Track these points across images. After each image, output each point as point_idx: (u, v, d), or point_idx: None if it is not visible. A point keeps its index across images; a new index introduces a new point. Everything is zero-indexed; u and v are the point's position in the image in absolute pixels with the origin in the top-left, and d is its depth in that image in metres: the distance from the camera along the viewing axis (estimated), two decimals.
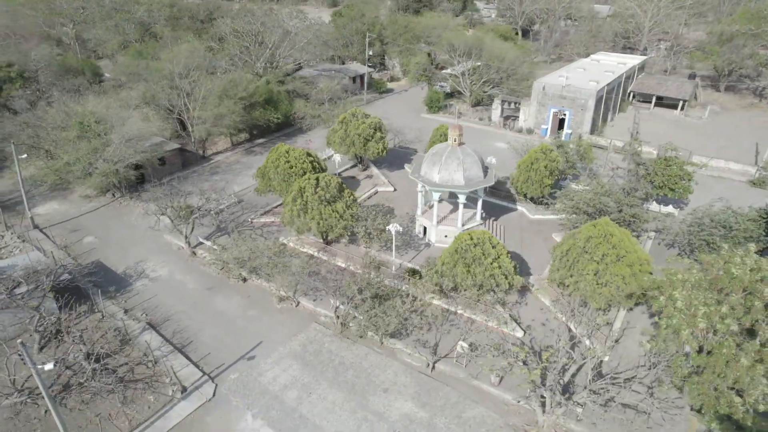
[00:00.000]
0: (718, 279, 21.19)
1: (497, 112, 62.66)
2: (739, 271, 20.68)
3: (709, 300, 20.63)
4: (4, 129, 46.22)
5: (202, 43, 63.51)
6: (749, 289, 20.54)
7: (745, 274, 20.68)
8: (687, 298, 20.83)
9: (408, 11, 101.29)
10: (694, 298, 20.69)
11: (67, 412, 25.07)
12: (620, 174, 42.02)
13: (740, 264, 21.46)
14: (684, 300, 20.69)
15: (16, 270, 31.04)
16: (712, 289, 21.18)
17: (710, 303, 20.44)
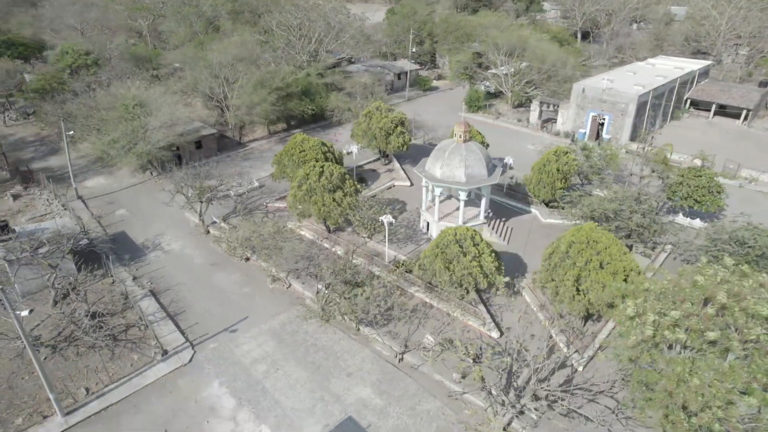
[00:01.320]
0: (681, 289, 19.86)
1: (535, 113, 60.86)
2: (705, 281, 19.30)
3: (664, 308, 19.40)
4: (64, 109, 51.25)
5: (253, 36, 66.54)
6: (710, 300, 19.10)
7: (711, 285, 19.26)
8: (640, 305, 19.69)
9: (466, 10, 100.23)
10: (648, 306, 19.53)
11: (62, 360, 27.73)
12: (647, 182, 39.83)
13: (710, 275, 20.00)
14: (635, 307, 19.58)
15: (45, 233, 34.51)
16: (675, 299, 19.88)
17: (664, 312, 19.23)
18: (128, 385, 26.24)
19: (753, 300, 18.42)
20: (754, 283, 19.31)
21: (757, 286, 19.24)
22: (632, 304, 19.68)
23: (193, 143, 53.03)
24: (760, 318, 18.45)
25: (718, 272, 20.12)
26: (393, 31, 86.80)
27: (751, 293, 19.20)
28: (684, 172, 38.40)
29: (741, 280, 19.77)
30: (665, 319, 18.96)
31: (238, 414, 24.74)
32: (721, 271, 20.09)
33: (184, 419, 24.56)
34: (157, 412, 24.88)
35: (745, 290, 19.35)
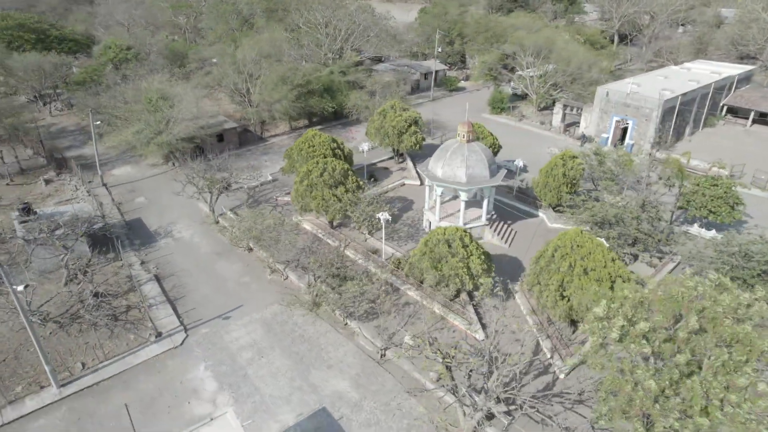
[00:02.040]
0: (657, 300, 19.17)
1: (558, 116, 59.55)
2: (680, 295, 18.59)
3: (636, 317, 18.82)
4: (96, 101, 54.06)
5: (282, 33, 68.05)
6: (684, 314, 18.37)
7: (686, 298, 18.53)
8: (613, 309, 19.14)
9: (501, 11, 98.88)
10: (620, 311, 18.99)
11: (66, 336, 29.44)
12: (654, 190, 38.42)
13: (690, 287, 19.23)
14: (606, 310, 19.06)
15: (63, 216, 36.63)
16: (650, 309, 19.25)
17: (634, 321, 18.65)
18: (121, 363, 27.61)
19: (728, 321, 17.62)
20: (732, 300, 18.46)
21: (736, 304, 18.39)
22: (604, 305, 19.20)
23: (215, 136, 54.85)
24: (739, 338, 17.63)
25: (698, 285, 19.32)
26: (424, 31, 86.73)
27: (730, 312, 18.43)
28: (700, 180, 36.84)
29: (720, 296, 18.93)
30: (634, 329, 18.40)
31: (218, 397, 25.64)
32: (701, 286, 19.28)
33: (167, 398, 25.65)
34: (144, 390, 26.09)
35: (720, 310, 18.49)
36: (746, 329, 17.27)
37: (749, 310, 18.02)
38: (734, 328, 17.06)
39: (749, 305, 18.03)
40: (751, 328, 17.22)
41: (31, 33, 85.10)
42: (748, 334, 17.00)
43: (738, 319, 18.13)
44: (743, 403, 16.50)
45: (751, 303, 18.27)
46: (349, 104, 57.50)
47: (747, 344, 17.11)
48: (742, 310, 18.40)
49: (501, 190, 45.45)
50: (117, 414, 24.76)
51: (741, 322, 17.92)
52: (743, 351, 17.00)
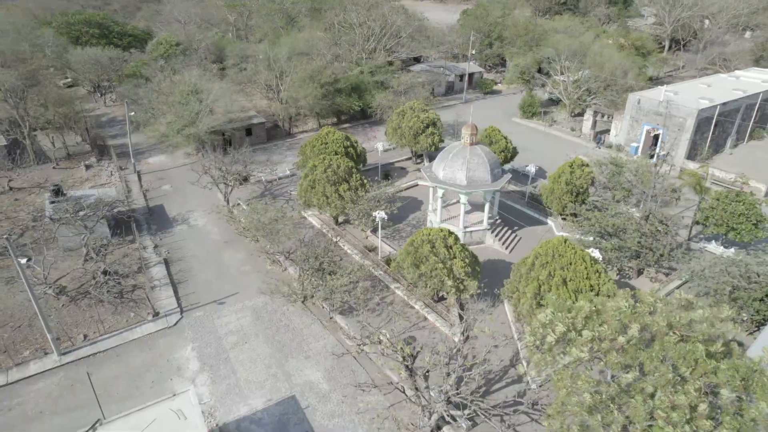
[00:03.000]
0: (606, 311, 18.57)
1: (588, 123, 57.65)
2: (626, 309, 17.93)
3: (585, 327, 18.33)
4: (135, 92, 57.59)
5: (317, 33, 69.77)
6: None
7: (633, 312, 17.86)
8: (560, 317, 18.71)
9: (548, 14, 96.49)
10: (565, 319, 18.56)
11: (76, 309, 31.84)
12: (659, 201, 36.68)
13: (649, 303, 18.54)
14: (551, 316, 18.67)
15: (89, 199, 39.46)
16: (599, 320, 18.67)
17: (579, 330, 18.18)
18: (118, 338, 29.58)
19: (675, 337, 16.88)
20: (684, 317, 17.64)
21: (687, 321, 17.57)
22: (549, 312, 18.85)
23: (243, 130, 57.10)
24: (684, 356, 16.89)
25: (657, 302, 18.59)
26: (465, 33, 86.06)
27: (683, 328, 17.65)
28: (720, 195, 34.84)
29: (678, 313, 18.14)
30: (580, 338, 17.98)
31: (198, 377, 27.00)
32: (660, 302, 18.53)
33: (153, 374, 27.28)
34: (133, 364, 27.86)
35: (664, 324, 17.71)
36: (696, 347, 16.53)
37: (699, 326, 17.19)
38: (680, 345, 16.35)
39: (699, 322, 17.20)
40: (702, 347, 16.45)
41: (96, 28, 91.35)
42: (693, 352, 16.26)
43: (687, 336, 17.36)
44: (684, 424, 15.87)
45: (704, 321, 17.41)
46: (373, 104, 58.14)
47: (691, 363, 16.37)
48: (701, 325, 17.60)
49: (514, 196, 44.80)
50: (106, 384, 26.58)
51: (689, 339, 17.15)
52: (688, 369, 16.29)
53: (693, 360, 16.26)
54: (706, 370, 15.96)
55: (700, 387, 15.77)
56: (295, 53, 65.67)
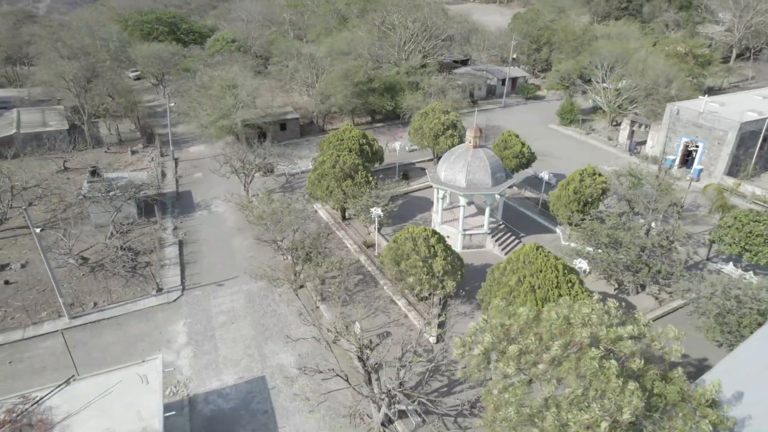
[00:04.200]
0: (540, 323, 18.22)
1: (625, 133, 55.14)
2: (552, 321, 17.58)
3: (509, 334, 18.13)
4: (183, 86, 61.58)
5: (358, 33, 71.28)
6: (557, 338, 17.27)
7: (562, 324, 17.44)
8: (494, 326, 18.56)
9: (607, 19, 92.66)
10: (495, 328, 18.40)
11: (93, 279, 34.91)
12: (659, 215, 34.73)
13: (582, 314, 18.06)
14: (484, 324, 18.59)
15: (121, 181, 42.91)
16: (532, 332, 18.35)
17: (509, 337, 18.00)
18: (122, 308, 32.20)
19: (595, 352, 16.44)
20: (612, 333, 17.09)
21: (615, 336, 17.02)
22: (481, 321, 18.82)
23: (278, 125, 59.58)
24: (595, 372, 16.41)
25: (591, 314, 18.09)
26: (514, 37, 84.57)
27: (610, 344, 17.20)
28: (738, 214, 32.58)
29: (605, 328, 17.60)
30: (509, 349, 17.88)
31: (183, 350, 28.93)
32: (595, 314, 18.01)
33: (145, 344, 29.52)
34: (130, 333, 30.28)
35: (587, 338, 17.23)
36: (611, 364, 16.06)
37: (625, 343, 16.64)
38: (593, 362, 15.94)
39: (621, 339, 16.66)
40: (615, 364, 15.96)
41: (165, 26, 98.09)
42: (604, 370, 15.83)
43: (612, 352, 16.87)
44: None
45: (632, 337, 16.80)
46: (403, 104, 58.72)
47: (605, 379, 15.91)
48: (623, 344, 17.09)
49: (527, 203, 43.94)
50: (103, 348, 29.10)
51: (610, 354, 16.68)
52: (598, 386, 15.87)
53: (605, 377, 15.84)
54: (614, 387, 15.51)
55: (604, 404, 15.36)
56: (336, 52, 67.58)
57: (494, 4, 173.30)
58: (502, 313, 19.77)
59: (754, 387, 18.28)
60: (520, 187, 46.45)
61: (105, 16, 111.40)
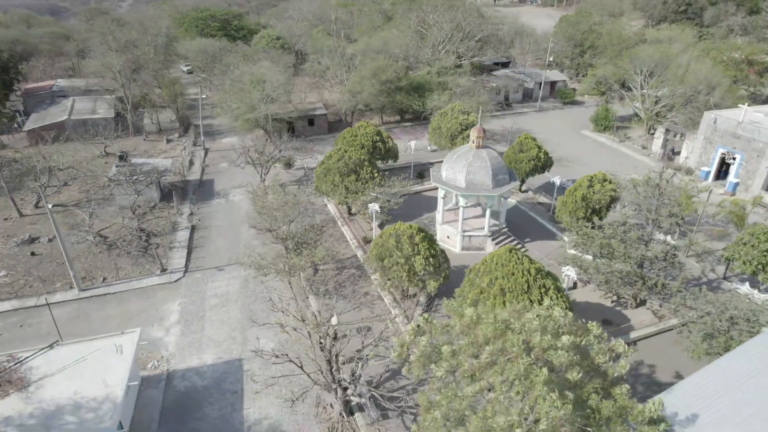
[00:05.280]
0: (478, 326, 17.76)
1: (659, 141, 52.27)
2: (493, 322, 17.09)
3: (452, 334, 17.81)
4: (218, 79, 64.19)
5: (392, 32, 71.57)
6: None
7: (497, 329, 16.96)
8: (433, 326, 18.30)
9: (663, 23, 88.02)
10: (435, 329, 18.14)
11: (107, 256, 37.16)
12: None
13: (529, 320, 17.50)
14: (416, 328, 18.39)
15: (146, 167, 45.36)
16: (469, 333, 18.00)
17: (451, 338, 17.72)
18: (126, 284, 34.12)
19: (527, 361, 15.90)
20: (545, 341, 16.42)
21: (549, 345, 16.36)
22: (422, 320, 18.62)
23: (306, 120, 60.93)
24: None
25: (533, 321, 17.51)
26: (557, 40, 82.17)
27: (542, 353, 16.60)
28: (755, 230, 30.28)
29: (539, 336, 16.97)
30: (443, 349, 17.66)
31: (173, 328, 30.31)
32: (536, 321, 17.41)
33: (141, 318, 31.15)
34: (129, 308, 32.05)
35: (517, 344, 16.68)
36: (542, 372, 15.49)
37: (558, 353, 15.99)
38: (518, 367, 15.45)
39: (555, 348, 16.02)
40: (544, 372, 15.38)
41: (218, 23, 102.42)
42: (531, 377, 15.31)
43: (543, 360, 16.25)
44: None
45: (570, 348, 16.11)
46: (429, 104, 58.47)
47: (529, 385, 15.38)
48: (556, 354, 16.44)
49: (539, 208, 42.70)
50: (102, 320, 30.97)
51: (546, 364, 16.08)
52: (520, 390, 15.36)
53: (530, 383, 15.33)
54: (536, 395, 14.98)
55: (523, 410, 14.90)
56: (372, 51, 68.15)
57: (551, 7, 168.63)
58: (454, 313, 19.52)
59: (711, 406, 17.09)
60: (536, 193, 45.17)
61: (167, 12, 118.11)
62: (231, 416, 24.50)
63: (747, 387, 17.43)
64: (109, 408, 20.76)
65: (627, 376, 26.95)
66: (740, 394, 17.21)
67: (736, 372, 18.05)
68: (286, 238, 32.71)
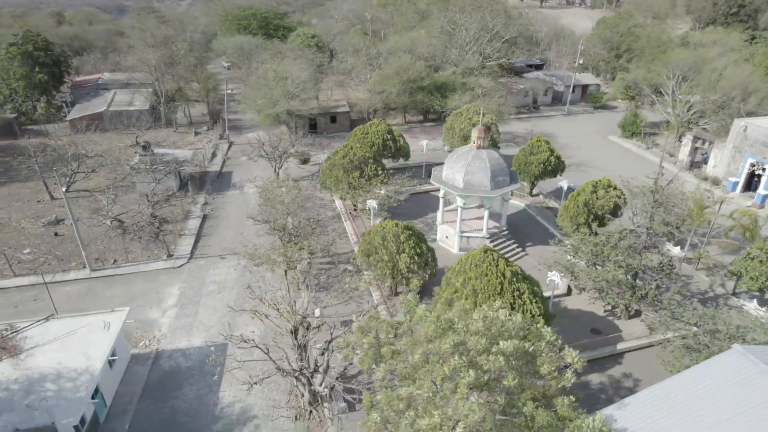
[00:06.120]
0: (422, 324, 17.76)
1: (686, 149, 49.89)
2: (432, 321, 17.07)
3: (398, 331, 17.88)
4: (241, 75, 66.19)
5: (420, 32, 71.55)
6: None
7: (438, 328, 16.90)
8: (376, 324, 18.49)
9: (711, 26, 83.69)
10: (381, 325, 18.29)
11: (121, 239, 39.17)
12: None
13: (475, 320, 17.37)
14: (363, 325, 18.56)
15: (166, 157, 47.42)
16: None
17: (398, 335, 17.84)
18: (134, 267, 35.91)
19: (459, 362, 15.84)
20: (479, 344, 16.23)
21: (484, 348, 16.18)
22: (365, 319, 18.88)
23: (328, 117, 61.94)
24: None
25: (478, 323, 17.36)
26: (594, 42, 79.72)
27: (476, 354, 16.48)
28: (765, 245, 28.60)
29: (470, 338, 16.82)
30: (383, 350, 17.82)
31: (169, 310, 31.70)
32: (479, 322, 17.25)
33: (142, 300, 32.73)
34: (133, 289, 33.73)
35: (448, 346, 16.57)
36: (469, 374, 15.41)
37: (487, 357, 15.82)
38: (443, 369, 15.44)
39: (490, 352, 15.86)
40: (471, 374, 15.28)
41: (259, 21, 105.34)
42: (458, 379, 15.26)
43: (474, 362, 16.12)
44: None
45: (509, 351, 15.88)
46: (450, 104, 58.18)
47: (453, 387, 15.34)
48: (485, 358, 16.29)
49: (547, 212, 41.79)
50: (107, 299, 32.73)
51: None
52: (445, 394, 15.36)
53: (454, 386, 15.30)
54: (458, 398, 14.95)
55: (446, 412, 14.91)
56: (401, 50, 68.42)
57: (600, 9, 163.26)
58: (408, 309, 19.65)
59: (658, 423, 16.48)
60: (546, 197, 44.20)
61: (214, 11, 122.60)
62: (207, 397, 25.48)
63: (698, 406, 16.68)
64: (87, 379, 22.06)
65: (608, 387, 26.32)
66: (689, 414, 16.49)
67: (690, 390, 17.28)
68: (280, 229, 33.48)
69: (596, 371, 26.65)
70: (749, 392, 16.98)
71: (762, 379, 16.97)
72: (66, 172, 44.64)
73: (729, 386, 17.27)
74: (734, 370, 17.65)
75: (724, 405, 16.81)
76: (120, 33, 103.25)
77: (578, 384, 25.94)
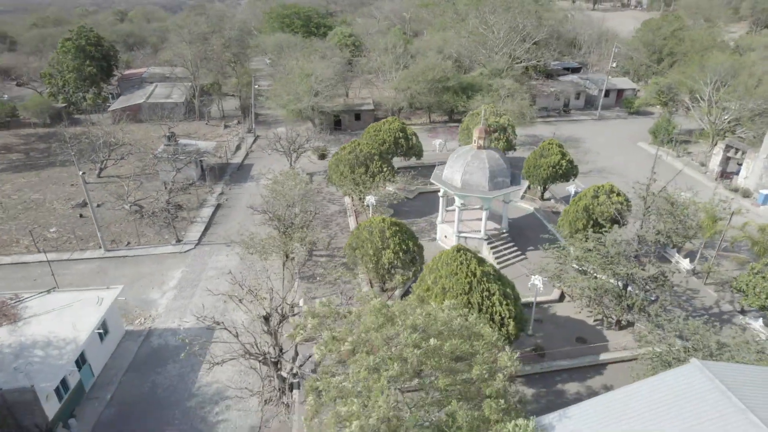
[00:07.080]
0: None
1: (717, 159, 47.20)
2: (373, 312, 17.20)
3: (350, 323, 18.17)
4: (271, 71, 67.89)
5: (449, 33, 71.17)
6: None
7: (378, 320, 17.01)
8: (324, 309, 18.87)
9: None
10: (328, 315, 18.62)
11: (138, 223, 41.30)
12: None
13: (440, 318, 17.47)
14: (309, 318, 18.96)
15: (189, 147, 49.48)
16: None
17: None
18: (144, 249, 37.84)
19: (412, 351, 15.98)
20: (410, 339, 16.24)
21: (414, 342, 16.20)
22: (321, 304, 19.23)
23: (352, 114, 62.73)
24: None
25: (416, 318, 17.41)
26: (636, 46, 76.65)
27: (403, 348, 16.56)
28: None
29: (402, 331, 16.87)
30: (324, 334, 18.18)
31: (168, 292, 33.26)
32: (419, 318, 17.30)
33: (146, 281, 34.49)
34: (140, 269, 35.58)
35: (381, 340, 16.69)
36: (394, 368, 15.57)
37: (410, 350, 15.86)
38: (366, 359, 15.67)
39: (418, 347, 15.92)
40: (397, 367, 15.42)
41: (301, 19, 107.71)
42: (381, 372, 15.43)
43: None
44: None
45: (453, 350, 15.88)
46: (473, 105, 57.59)
47: (375, 379, 15.51)
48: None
49: (554, 217, 40.72)
50: (114, 278, 34.66)
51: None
52: (370, 383, 15.56)
53: (377, 377, 15.50)
54: (377, 389, 15.15)
55: (364, 401, 15.17)
56: (430, 49, 68.37)
57: (656, 12, 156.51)
58: (362, 301, 19.97)
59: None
60: (557, 201, 43.09)
61: (259, 9, 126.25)
62: (188, 375, 26.65)
63: (644, 419, 16.06)
64: (71, 348, 23.60)
65: (585, 397, 25.54)
66: (634, 426, 15.91)
67: (639, 402, 16.65)
68: (277, 219, 34.39)
69: (575, 380, 25.94)
70: (700, 407, 16.19)
71: (714, 395, 16.13)
72: (96, 159, 47.42)
73: (679, 401, 16.53)
74: (688, 384, 16.85)
75: (673, 419, 16.13)
76: (168, 30, 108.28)
77: (555, 392, 25.46)
